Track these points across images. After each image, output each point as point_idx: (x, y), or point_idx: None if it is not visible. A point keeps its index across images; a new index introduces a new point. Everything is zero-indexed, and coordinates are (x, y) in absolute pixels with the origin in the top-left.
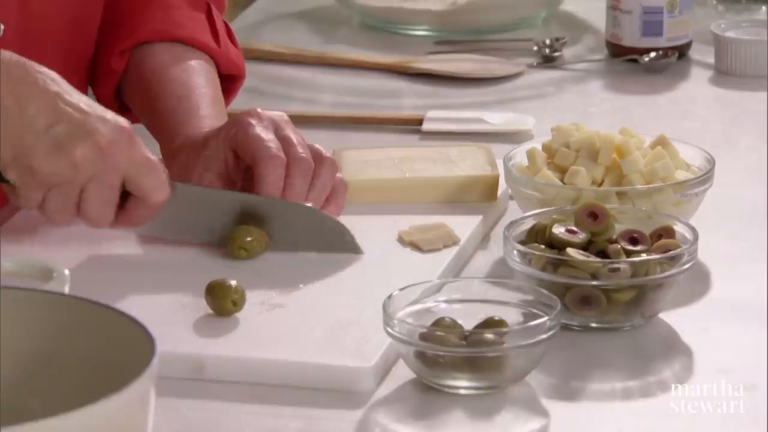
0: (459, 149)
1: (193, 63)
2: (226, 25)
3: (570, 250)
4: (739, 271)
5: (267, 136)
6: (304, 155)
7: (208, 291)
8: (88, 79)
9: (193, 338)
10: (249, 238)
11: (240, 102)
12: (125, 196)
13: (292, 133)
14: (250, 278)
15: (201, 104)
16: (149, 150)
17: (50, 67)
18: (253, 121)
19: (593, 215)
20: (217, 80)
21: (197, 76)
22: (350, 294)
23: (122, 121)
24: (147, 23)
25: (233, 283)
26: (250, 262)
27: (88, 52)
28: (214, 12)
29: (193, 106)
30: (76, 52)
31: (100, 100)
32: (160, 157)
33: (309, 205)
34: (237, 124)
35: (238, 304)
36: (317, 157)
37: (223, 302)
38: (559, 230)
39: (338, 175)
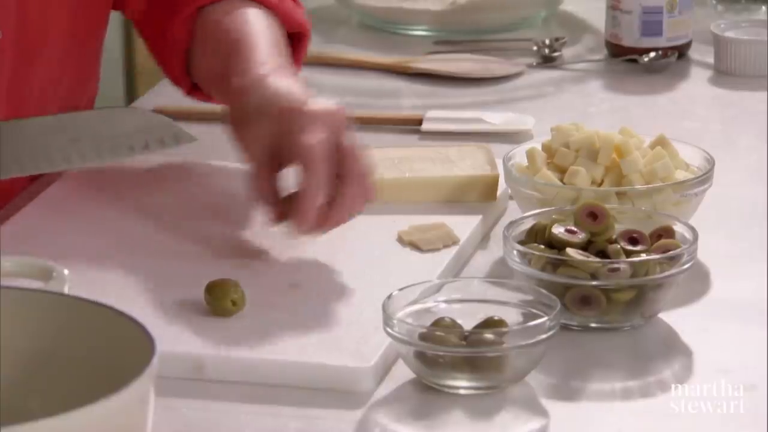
0: (458, 149)
1: (252, 12)
2: None
3: (569, 250)
4: (739, 271)
5: (316, 139)
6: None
7: (208, 291)
8: (87, 89)
9: (192, 338)
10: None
11: None
12: None
13: (345, 141)
14: (250, 278)
15: (259, 44)
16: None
17: (46, 76)
18: (304, 124)
19: (593, 215)
20: (279, 30)
21: (253, 24)
22: (349, 294)
23: None
24: None
25: (233, 282)
26: (250, 262)
27: (89, 64)
28: None
29: (249, 48)
30: (72, 62)
31: (171, 77)
32: None
33: (138, 108)
34: (286, 129)
35: (238, 304)
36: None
37: (223, 302)
38: (558, 230)
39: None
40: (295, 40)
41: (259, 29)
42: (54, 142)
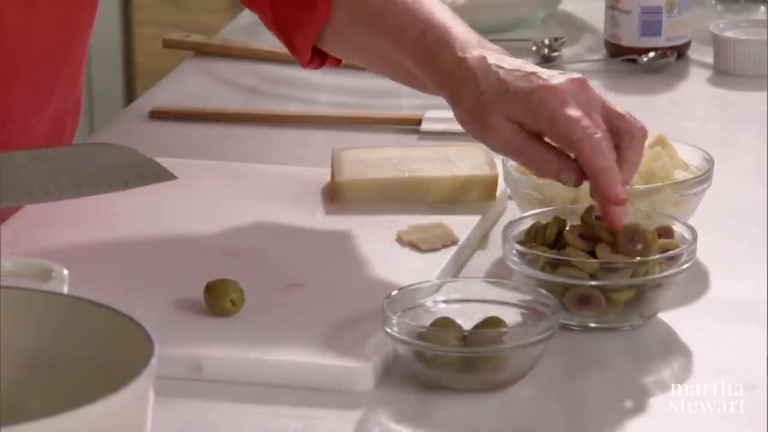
0: (458, 149)
1: None
2: None
3: (570, 250)
4: (739, 271)
5: (577, 113)
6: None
7: (207, 290)
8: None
9: (192, 338)
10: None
11: (240, 102)
12: None
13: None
14: (249, 278)
15: (449, 24)
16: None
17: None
18: (560, 95)
19: (634, 241)
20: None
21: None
22: (349, 294)
23: None
24: None
25: (232, 282)
26: (250, 262)
27: (77, 69)
28: None
29: (445, 29)
30: (45, 89)
31: (293, 49)
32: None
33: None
34: (540, 111)
35: (237, 303)
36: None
37: (222, 302)
38: (572, 236)
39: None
40: None
41: (431, 4)
42: (34, 175)
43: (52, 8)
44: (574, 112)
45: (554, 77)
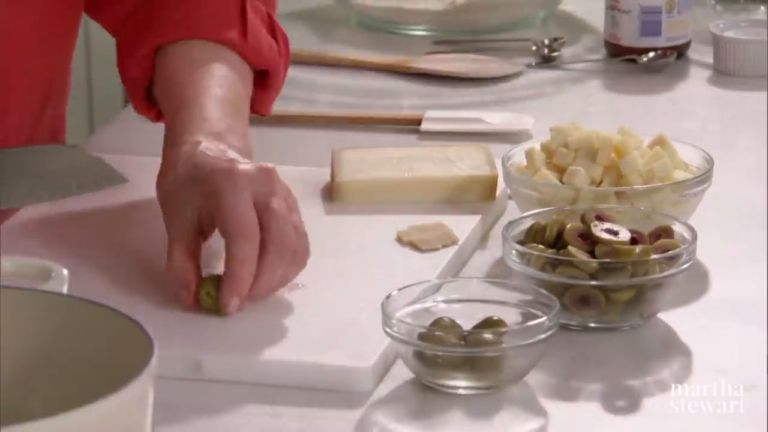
0: (458, 149)
1: (209, 64)
2: (268, 16)
3: (572, 249)
4: (738, 271)
5: (242, 208)
6: (290, 237)
7: (202, 286)
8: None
9: (191, 338)
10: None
11: None
12: None
13: (276, 204)
14: None
15: (206, 108)
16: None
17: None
18: (229, 189)
19: (634, 240)
20: (238, 78)
21: (208, 79)
22: (349, 294)
23: None
24: (167, 23)
25: (211, 278)
26: None
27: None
28: (250, 3)
29: (193, 113)
30: (39, 87)
31: (137, 109)
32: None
33: (75, 146)
34: (213, 190)
35: (213, 296)
36: (292, 249)
37: (216, 300)
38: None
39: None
40: (265, 76)
41: (212, 87)
42: None
43: (41, 5)
44: (240, 201)
45: (241, 164)
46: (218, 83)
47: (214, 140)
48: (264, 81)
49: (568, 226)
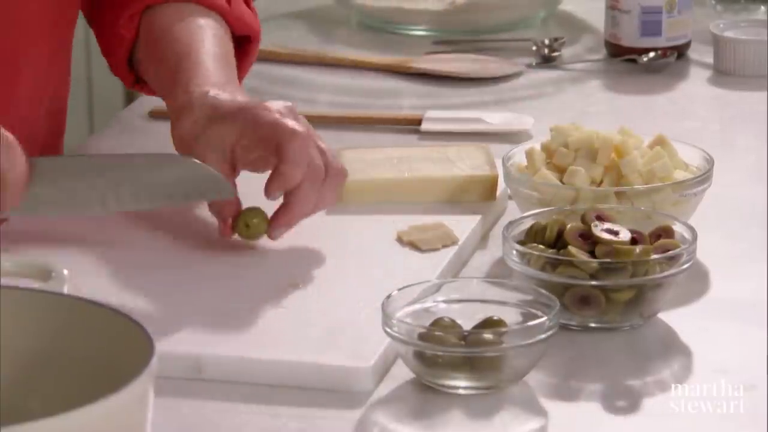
0: (458, 149)
1: (201, 21)
2: None
3: (572, 249)
4: (738, 271)
5: (289, 121)
6: (318, 163)
7: (240, 218)
8: (68, 77)
9: (191, 338)
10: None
11: None
12: None
13: (305, 131)
14: (249, 277)
15: (205, 60)
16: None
17: (35, 51)
18: (273, 108)
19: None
20: (227, 38)
21: (202, 33)
22: (349, 294)
23: None
24: None
25: (255, 211)
26: (250, 262)
27: (70, 31)
28: None
29: (195, 63)
30: (58, 32)
31: (114, 69)
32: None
33: (185, 156)
34: (254, 112)
35: (251, 227)
36: (328, 164)
37: (239, 225)
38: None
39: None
40: (244, 43)
41: (207, 41)
42: (95, 183)
43: None
44: (278, 116)
45: (265, 102)
46: (213, 42)
47: (219, 89)
48: (243, 48)
49: (569, 226)
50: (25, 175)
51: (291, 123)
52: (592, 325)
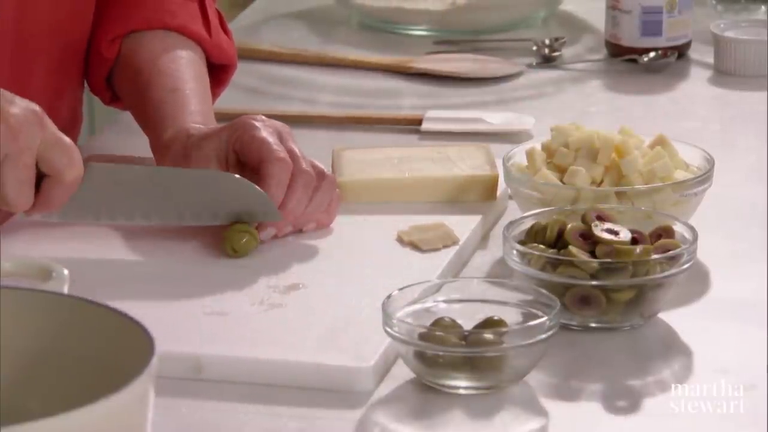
0: (458, 149)
1: (184, 54)
2: (219, 14)
3: (572, 249)
4: (739, 271)
5: (274, 140)
6: (307, 169)
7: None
8: (83, 71)
9: (191, 338)
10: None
11: (240, 102)
12: (41, 181)
13: (295, 146)
14: (249, 278)
15: (191, 100)
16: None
17: (45, 62)
18: (259, 125)
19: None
20: (206, 74)
21: (187, 69)
22: (349, 294)
23: (32, 104)
24: (139, 11)
25: (240, 228)
26: (249, 262)
27: (83, 43)
28: (207, 0)
29: (181, 101)
30: (71, 44)
31: (92, 87)
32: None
33: (237, 176)
34: (243, 126)
35: (237, 250)
36: (319, 173)
37: (226, 245)
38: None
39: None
40: (220, 71)
41: (190, 79)
42: (140, 196)
43: None
44: (268, 136)
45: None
46: (195, 79)
47: (200, 126)
48: (218, 76)
49: (569, 226)
50: (79, 177)
51: (265, 133)
52: (593, 325)
